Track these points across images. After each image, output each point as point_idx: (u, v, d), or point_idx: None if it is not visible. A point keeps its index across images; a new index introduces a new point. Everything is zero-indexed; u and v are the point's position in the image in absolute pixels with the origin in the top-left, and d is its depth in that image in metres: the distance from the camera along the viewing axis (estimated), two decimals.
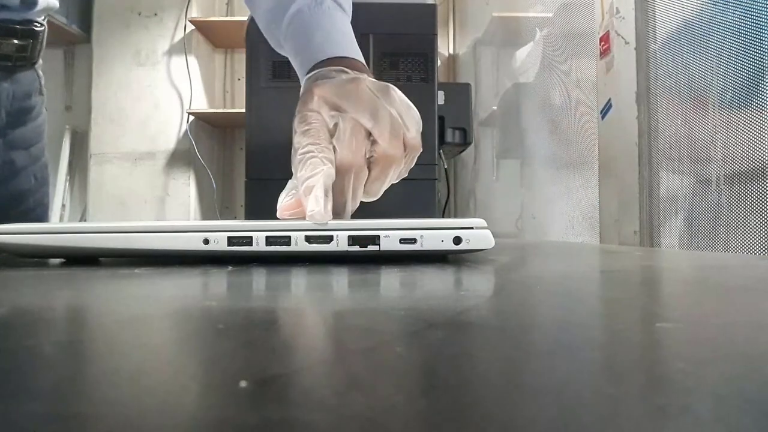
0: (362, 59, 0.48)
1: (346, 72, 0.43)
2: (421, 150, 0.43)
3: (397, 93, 0.43)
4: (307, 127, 0.40)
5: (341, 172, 0.38)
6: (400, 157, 0.40)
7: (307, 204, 0.36)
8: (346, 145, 0.39)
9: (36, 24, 0.61)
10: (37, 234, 0.35)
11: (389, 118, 0.40)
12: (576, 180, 1.04)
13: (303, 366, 0.12)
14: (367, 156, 0.40)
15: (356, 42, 0.50)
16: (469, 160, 1.96)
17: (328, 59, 0.46)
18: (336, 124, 0.40)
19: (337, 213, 0.39)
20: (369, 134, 0.39)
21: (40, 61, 0.65)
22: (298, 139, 0.40)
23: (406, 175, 0.43)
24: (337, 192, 0.39)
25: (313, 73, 0.45)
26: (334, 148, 0.39)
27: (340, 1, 0.51)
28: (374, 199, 0.41)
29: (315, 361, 0.12)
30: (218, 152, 2.36)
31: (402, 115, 0.41)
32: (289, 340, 0.15)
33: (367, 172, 0.39)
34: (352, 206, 0.40)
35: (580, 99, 1.01)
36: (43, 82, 0.66)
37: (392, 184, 0.43)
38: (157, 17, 2.18)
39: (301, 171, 0.38)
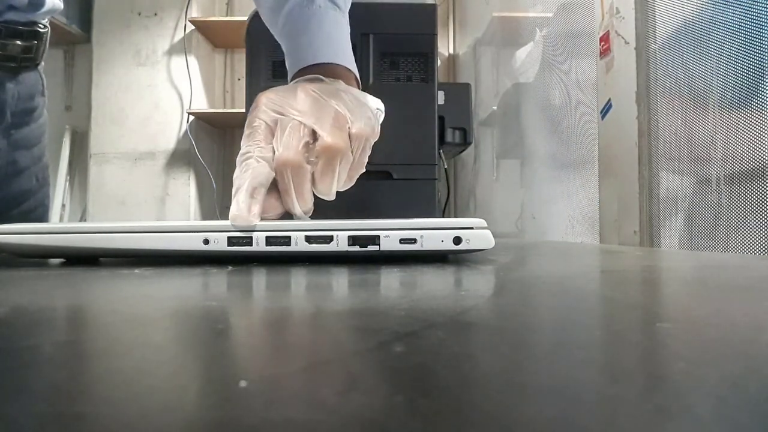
0: (347, 62, 0.48)
1: (322, 80, 0.43)
2: (371, 141, 0.42)
3: (350, 95, 0.42)
4: (249, 131, 0.40)
5: (280, 171, 0.38)
6: (344, 148, 0.39)
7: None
8: (282, 142, 0.38)
9: (40, 26, 0.62)
10: (37, 234, 0.35)
11: (332, 112, 0.40)
12: (576, 180, 1.04)
13: (303, 366, 0.12)
14: (313, 156, 0.39)
15: (346, 42, 0.50)
16: (469, 160, 1.96)
17: (309, 66, 0.46)
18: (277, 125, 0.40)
19: (292, 212, 0.39)
20: (313, 133, 0.39)
21: (42, 63, 0.65)
22: (241, 143, 0.40)
23: (363, 170, 0.43)
24: (282, 191, 0.39)
25: (292, 82, 0.45)
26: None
27: None
28: (329, 198, 0.41)
29: (315, 361, 0.12)
30: (218, 152, 2.36)
31: (350, 110, 0.41)
32: (288, 340, 0.15)
33: (307, 168, 0.39)
34: (301, 205, 0.39)
35: (580, 99, 1.01)
36: (45, 84, 0.66)
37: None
38: (157, 17, 2.18)
39: (236, 172, 0.38)
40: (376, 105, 0.46)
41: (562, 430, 0.08)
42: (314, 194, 0.40)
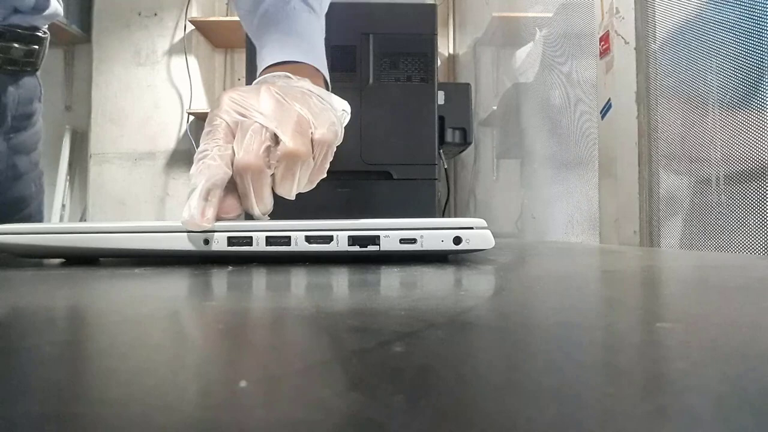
0: (316, 62, 0.48)
1: (289, 77, 0.43)
2: (333, 146, 0.42)
3: (315, 97, 0.42)
4: (209, 129, 0.39)
5: (240, 174, 0.37)
6: (306, 153, 0.39)
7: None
8: (243, 145, 0.38)
9: (40, 31, 0.62)
10: (37, 234, 0.35)
11: (295, 117, 0.39)
12: (576, 180, 1.04)
13: (303, 366, 0.12)
14: (274, 160, 0.38)
15: (318, 43, 0.50)
16: (469, 160, 1.96)
17: (277, 63, 0.46)
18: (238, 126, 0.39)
19: (251, 213, 0.39)
20: (274, 137, 0.38)
21: (39, 70, 0.65)
22: (201, 141, 0.39)
23: (324, 176, 0.42)
24: (242, 194, 0.38)
25: (259, 78, 0.45)
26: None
27: (310, 1, 0.50)
28: (290, 198, 0.40)
29: (315, 361, 0.12)
30: None
31: (314, 114, 0.40)
32: (288, 340, 0.15)
33: (268, 173, 0.38)
34: (260, 208, 0.39)
35: (580, 99, 1.01)
36: (42, 90, 0.67)
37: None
38: (157, 17, 2.18)
39: (192, 169, 0.38)
40: (341, 107, 0.45)
41: (562, 430, 0.08)
42: (276, 194, 0.40)
